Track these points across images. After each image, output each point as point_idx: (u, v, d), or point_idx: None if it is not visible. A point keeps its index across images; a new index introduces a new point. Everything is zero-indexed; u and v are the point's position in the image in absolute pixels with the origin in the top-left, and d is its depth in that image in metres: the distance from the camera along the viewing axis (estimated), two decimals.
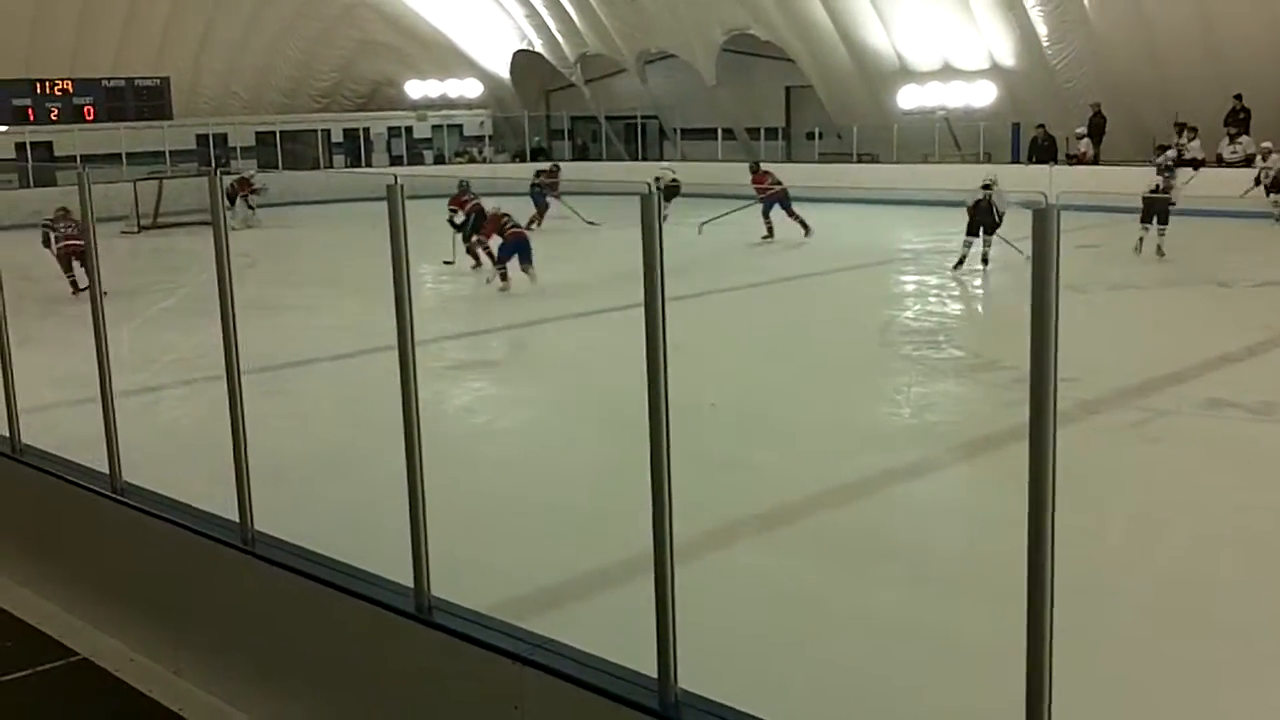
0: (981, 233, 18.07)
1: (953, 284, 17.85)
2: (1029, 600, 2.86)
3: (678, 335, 3.95)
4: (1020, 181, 22.48)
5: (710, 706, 3.88)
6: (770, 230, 22.62)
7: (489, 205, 18.59)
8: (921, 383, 12.02)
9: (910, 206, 26.70)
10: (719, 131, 33.97)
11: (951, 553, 7.43)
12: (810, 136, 34.04)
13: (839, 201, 27.04)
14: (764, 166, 24.56)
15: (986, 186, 18.39)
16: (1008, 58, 29.57)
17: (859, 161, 31.87)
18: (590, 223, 24.72)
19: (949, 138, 31.14)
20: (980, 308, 16.73)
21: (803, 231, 22.22)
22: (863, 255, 17.23)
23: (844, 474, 9.09)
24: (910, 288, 18.31)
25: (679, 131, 36.26)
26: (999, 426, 9.62)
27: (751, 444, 9.91)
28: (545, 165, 31.66)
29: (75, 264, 17.26)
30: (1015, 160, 29.63)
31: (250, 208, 28.20)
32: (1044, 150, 28.59)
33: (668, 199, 19.95)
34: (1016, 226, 16.85)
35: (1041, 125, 28.51)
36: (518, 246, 17.42)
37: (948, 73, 30.77)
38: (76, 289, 17.05)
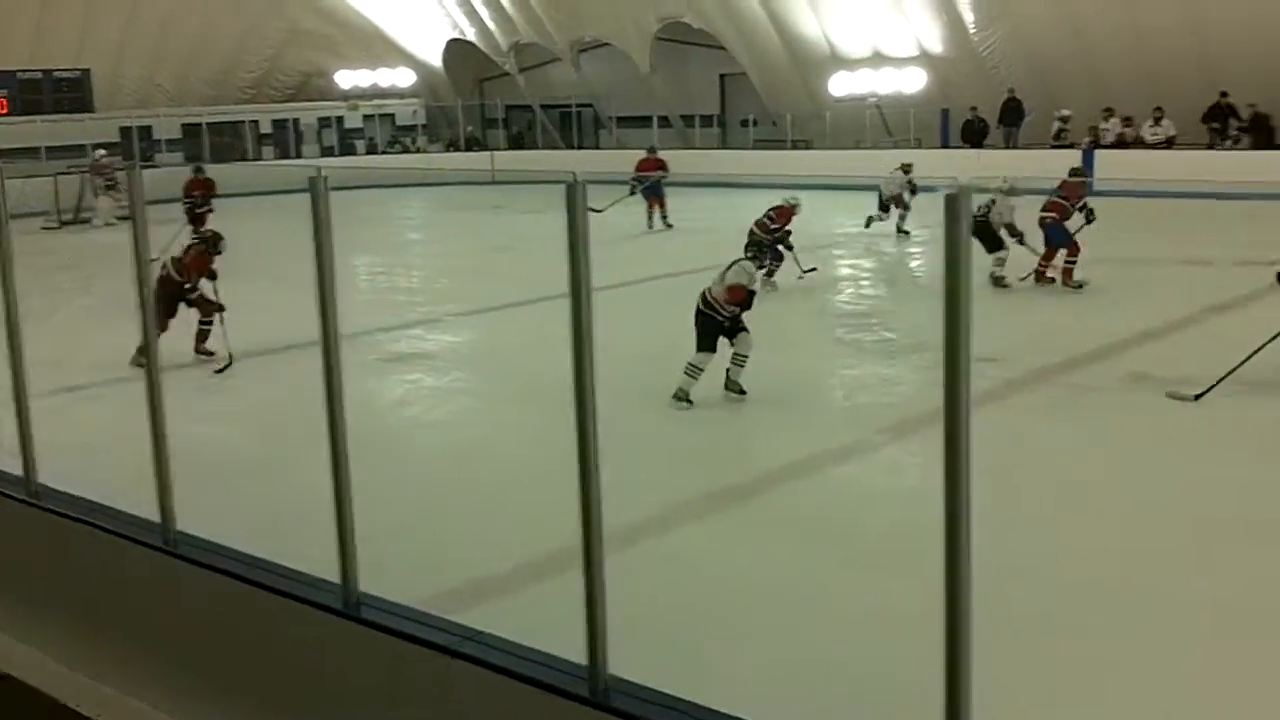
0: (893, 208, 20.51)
1: (887, 268, 17.97)
2: (947, 577, 2.89)
3: (604, 323, 3.94)
4: (946, 167, 22.83)
5: (639, 691, 3.88)
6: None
7: None
8: (853, 365, 12.11)
9: (843, 192, 26.82)
10: (654, 119, 34.04)
11: (882, 532, 7.50)
12: (745, 124, 34.17)
13: (774, 188, 27.10)
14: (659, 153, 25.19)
15: (905, 169, 20.48)
16: (936, 44, 29.86)
17: (793, 148, 32.03)
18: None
19: (880, 124, 31.35)
20: (913, 290, 16.79)
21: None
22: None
23: (778, 456, 9.17)
24: (845, 271, 18.40)
25: (614, 120, 36.21)
26: (927, 407, 9.68)
27: (682, 425, 9.95)
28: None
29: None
30: (945, 145, 29.94)
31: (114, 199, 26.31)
32: (978, 133, 28.86)
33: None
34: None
35: (974, 108, 28.82)
36: None
37: (878, 60, 31.02)
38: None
